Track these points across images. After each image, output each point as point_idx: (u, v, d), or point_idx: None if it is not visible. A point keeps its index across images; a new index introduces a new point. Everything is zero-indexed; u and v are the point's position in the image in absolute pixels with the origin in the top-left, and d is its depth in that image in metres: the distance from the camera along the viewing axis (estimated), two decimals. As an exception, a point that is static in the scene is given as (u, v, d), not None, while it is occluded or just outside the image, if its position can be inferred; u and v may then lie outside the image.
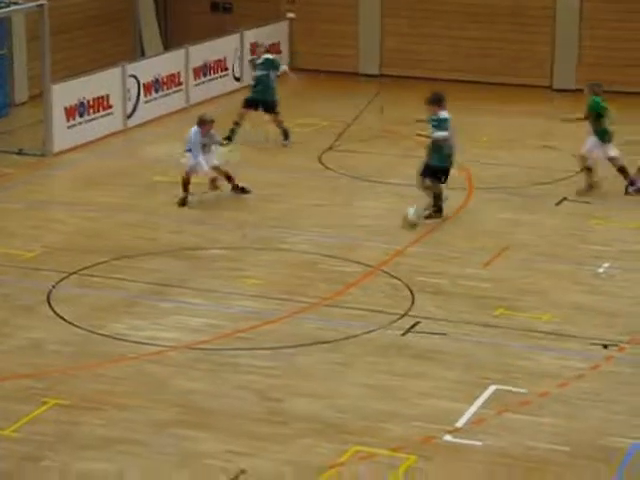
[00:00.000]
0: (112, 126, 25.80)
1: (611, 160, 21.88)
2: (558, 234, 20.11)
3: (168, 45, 31.45)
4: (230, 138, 24.60)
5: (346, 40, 31.76)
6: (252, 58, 26.48)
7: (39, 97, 25.34)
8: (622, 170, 21.96)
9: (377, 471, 12.64)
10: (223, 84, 29.64)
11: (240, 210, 21.16)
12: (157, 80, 27.28)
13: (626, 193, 21.90)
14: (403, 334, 16.07)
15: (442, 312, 16.81)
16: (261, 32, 30.96)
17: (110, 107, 25.80)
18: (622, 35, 29.75)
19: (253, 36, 30.66)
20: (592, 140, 21.89)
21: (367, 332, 16.11)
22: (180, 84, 28.02)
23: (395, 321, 16.46)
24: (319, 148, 24.89)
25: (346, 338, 15.93)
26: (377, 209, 21.34)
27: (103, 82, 25.74)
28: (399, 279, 17.97)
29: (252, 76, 25.88)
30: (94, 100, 25.34)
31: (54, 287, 17.57)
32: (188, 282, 17.85)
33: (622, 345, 15.73)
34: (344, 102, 28.79)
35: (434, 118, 20.41)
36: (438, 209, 20.50)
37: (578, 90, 28.16)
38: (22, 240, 19.52)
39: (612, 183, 22.67)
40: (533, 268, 18.60)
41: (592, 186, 21.87)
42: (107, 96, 25.72)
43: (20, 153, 23.84)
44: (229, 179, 21.45)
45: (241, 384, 14.56)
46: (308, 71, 31.54)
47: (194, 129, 21.15)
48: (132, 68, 26.73)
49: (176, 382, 14.65)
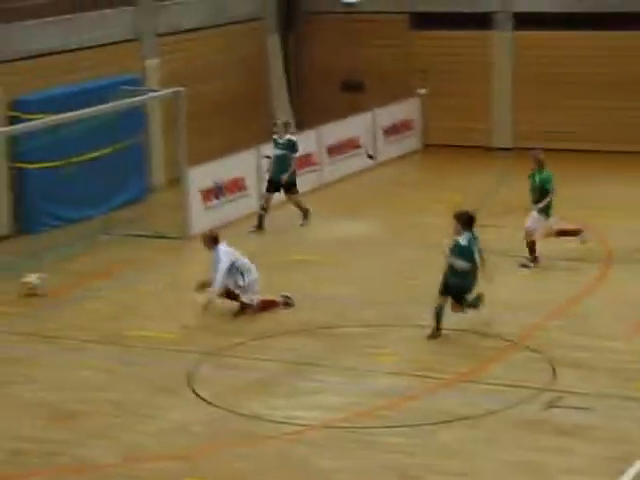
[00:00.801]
0: (248, 207, 26.03)
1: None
2: None
3: (300, 125, 31.66)
4: (260, 226, 24.82)
5: (478, 114, 31.72)
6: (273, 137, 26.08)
7: (176, 181, 25.65)
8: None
9: None
10: (356, 163, 29.70)
11: (377, 287, 21.17)
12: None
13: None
14: (545, 409, 15.89)
15: (585, 386, 16.59)
16: (393, 110, 31.11)
17: (246, 188, 26.04)
18: None
19: (385, 114, 30.82)
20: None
21: (508, 407, 15.95)
22: (314, 164, 28.18)
23: (537, 396, 16.29)
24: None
25: (487, 414, 15.79)
26: (514, 284, 21.19)
27: (238, 164, 26.01)
28: (539, 352, 17.80)
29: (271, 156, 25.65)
30: (230, 182, 25.60)
31: (194, 368, 17.70)
32: (325, 361, 17.86)
33: None
34: (478, 177, 28.70)
35: (455, 243, 18.48)
36: (436, 328, 18.54)
37: None
38: (161, 322, 19.71)
39: None
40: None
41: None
42: (242, 178, 25.98)
43: (158, 237, 24.11)
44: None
45: (381, 462, 14.48)
46: (440, 147, 31.61)
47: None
48: (267, 150, 26.95)
49: (316, 461, 14.62)
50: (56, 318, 20.01)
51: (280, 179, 25.08)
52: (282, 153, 25.17)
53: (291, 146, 25.27)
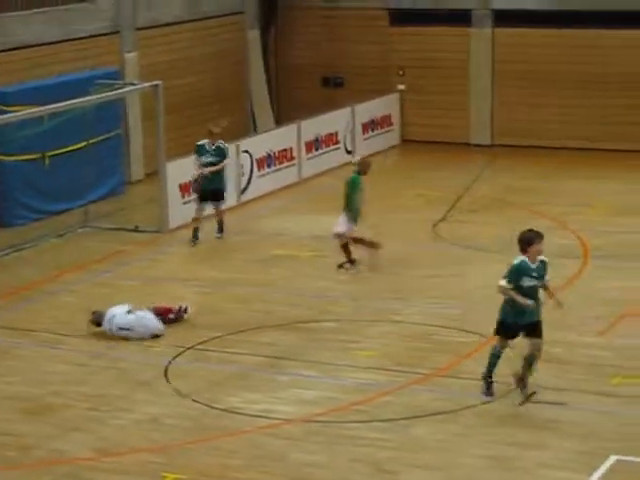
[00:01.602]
0: (226, 202, 25.97)
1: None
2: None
3: (280, 120, 31.69)
4: (196, 237, 23.87)
5: (457, 111, 31.77)
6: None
7: (154, 175, 25.65)
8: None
9: None
10: (335, 158, 29.73)
11: (354, 282, 21.17)
12: (270, 155, 27.49)
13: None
14: (520, 404, 15.93)
15: (559, 381, 16.65)
16: (372, 105, 31.15)
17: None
18: None
19: (364, 110, 30.84)
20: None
21: (484, 403, 15.99)
22: (292, 158, 28.22)
23: (512, 391, 16.33)
24: (432, 219, 24.88)
25: (462, 409, 15.83)
26: (489, 279, 21.20)
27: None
28: (514, 348, 17.82)
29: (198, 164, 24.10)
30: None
31: (170, 362, 17.70)
32: (303, 355, 17.88)
33: None
34: (455, 173, 28.75)
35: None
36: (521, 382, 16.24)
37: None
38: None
39: None
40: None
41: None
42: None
43: (136, 230, 24.11)
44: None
45: (357, 457, 14.51)
46: (419, 142, 31.65)
47: None
48: (245, 144, 26.97)
49: (292, 455, 14.64)
50: (32, 311, 20.00)
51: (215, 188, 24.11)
52: (213, 160, 24.08)
53: (221, 153, 24.28)
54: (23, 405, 16.30)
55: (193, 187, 24.17)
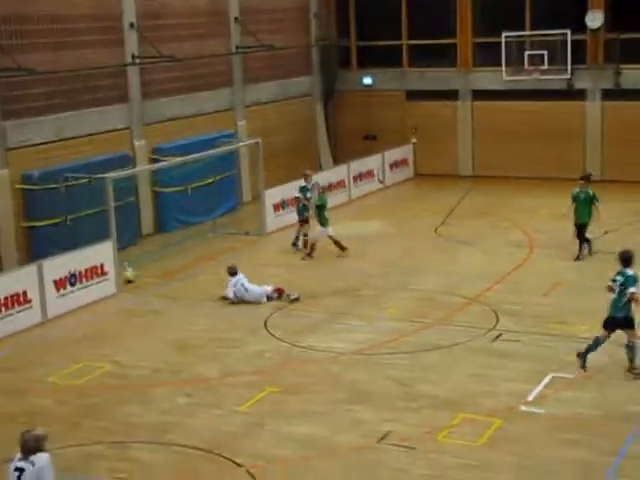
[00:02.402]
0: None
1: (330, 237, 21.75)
2: (592, 274, 19.67)
3: (336, 162, 31.67)
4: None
5: (450, 154, 31.63)
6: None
7: (257, 198, 25.73)
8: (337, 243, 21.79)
9: (477, 430, 12.49)
10: (371, 186, 29.68)
11: (385, 264, 21.16)
12: (330, 184, 27.49)
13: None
14: (492, 342, 15.90)
15: (517, 327, 16.59)
16: (395, 152, 31.06)
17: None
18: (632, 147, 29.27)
19: (390, 155, 30.76)
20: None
21: (468, 341, 15.97)
22: (344, 186, 28.21)
23: (486, 333, 16.29)
24: (435, 223, 24.83)
25: (454, 345, 15.82)
26: (472, 262, 21.18)
27: (296, 187, 26.02)
28: (488, 306, 17.79)
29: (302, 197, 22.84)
30: (291, 199, 25.65)
31: (269, 317, 17.78)
32: (352, 312, 17.91)
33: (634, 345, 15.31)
34: (449, 194, 28.66)
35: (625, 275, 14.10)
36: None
37: (603, 181, 27.75)
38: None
39: (631, 240, 22.16)
40: (575, 296, 18.23)
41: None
42: (299, 197, 25.95)
43: (246, 234, 24.21)
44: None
45: (387, 375, 14.55)
46: (426, 175, 31.53)
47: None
48: (315, 178, 26.93)
49: (346, 375, 14.70)
50: (181, 286, 20.17)
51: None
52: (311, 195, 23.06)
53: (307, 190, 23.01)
54: (175, 344, 16.48)
55: (302, 213, 22.79)
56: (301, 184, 23.25)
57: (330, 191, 27.38)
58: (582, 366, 14.27)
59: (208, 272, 20.94)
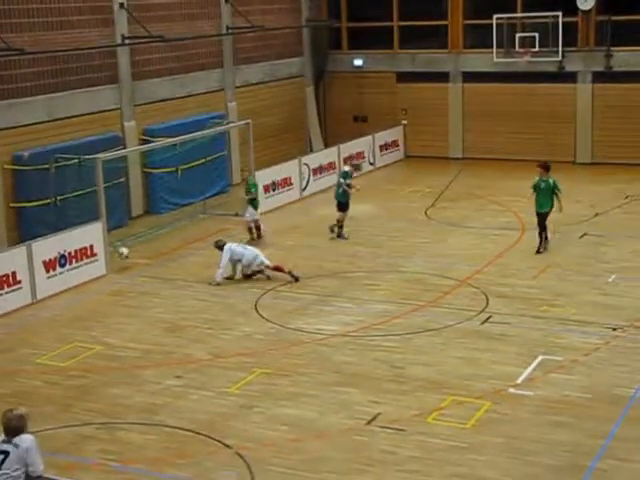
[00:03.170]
0: (293, 196, 26.02)
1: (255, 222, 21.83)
2: (581, 256, 19.73)
3: (327, 144, 31.59)
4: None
5: (440, 136, 31.58)
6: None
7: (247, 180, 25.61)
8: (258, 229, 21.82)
9: (466, 412, 12.51)
10: (362, 167, 29.57)
11: (375, 246, 21.14)
12: (321, 166, 27.45)
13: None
14: (481, 324, 15.91)
15: (506, 309, 16.60)
16: (385, 133, 30.99)
17: (292, 184, 26.04)
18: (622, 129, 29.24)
19: (380, 137, 30.69)
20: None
21: (458, 323, 15.97)
22: (335, 168, 28.13)
23: (475, 316, 16.30)
24: (425, 205, 24.82)
25: (444, 327, 15.82)
26: (462, 244, 21.18)
27: (287, 169, 25.99)
28: (478, 288, 17.79)
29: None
30: (282, 180, 25.61)
31: (259, 299, 17.76)
32: (342, 293, 17.90)
33: (625, 328, 15.36)
34: (439, 176, 28.63)
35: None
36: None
37: (594, 163, 27.70)
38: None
39: (620, 223, 22.21)
40: (565, 279, 18.26)
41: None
42: (289, 178, 25.97)
43: (236, 215, 24.12)
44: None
45: (377, 358, 14.55)
46: (416, 157, 31.48)
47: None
48: (305, 159, 26.95)
49: (335, 357, 14.69)
50: (171, 267, 20.13)
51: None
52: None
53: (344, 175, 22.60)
54: (165, 325, 16.46)
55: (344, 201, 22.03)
56: (343, 169, 22.87)
57: (320, 173, 27.40)
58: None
59: (198, 254, 20.88)
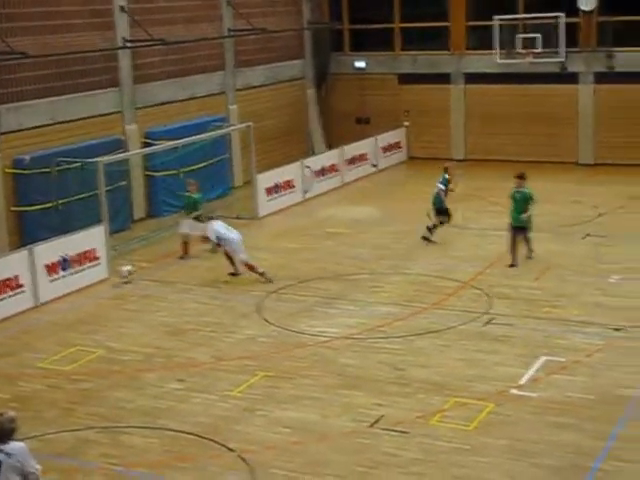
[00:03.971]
0: (295, 198, 26.02)
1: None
2: (583, 257, 19.71)
3: (329, 146, 31.59)
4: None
5: (442, 138, 31.58)
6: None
7: (249, 182, 25.67)
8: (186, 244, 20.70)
9: (469, 413, 12.51)
10: (365, 169, 29.62)
11: (378, 248, 21.14)
12: (323, 168, 27.46)
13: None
14: (484, 326, 15.90)
15: (509, 310, 16.60)
16: (388, 135, 31.00)
17: (294, 187, 26.04)
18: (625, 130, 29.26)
19: (383, 138, 30.69)
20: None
21: (461, 324, 15.97)
22: (337, 170, 28.15)
23: (478, 317, 16.30)
24: (427, 208, 24.72)
25: (447, 329, 15.82)
26: (465, 246, 21.17)
27: (290, 171, 26.00)
28: (480, 289, 17.79)
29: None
30: (284, 183, 25.62)
31: (261, 301, 17.75)
32: (345, 296, 17.89)
33: (627, 329, 15.36)
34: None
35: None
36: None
37: (596, 164, 27.72)
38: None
39: (623, 224, 22.20)
40: (567, 280, 18.25)
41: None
42: (292, 180, 25.98)
43: (238, 218, 24.11)
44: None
45: (380, 360, 14.55)
46: (419, 158, 31.49)
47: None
48: (307, 161, 26.97)
49: (338, 360, 14.69)
50: (173, 270, 20.13)
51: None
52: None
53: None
54: (167, 329, 16.46)
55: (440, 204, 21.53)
56: (445, 176, 21.92)
57: (323, 175, 27.42)
58: None
59: (200, 256, 20.87)
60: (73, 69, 22.83)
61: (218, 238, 18.95)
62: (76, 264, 18.81)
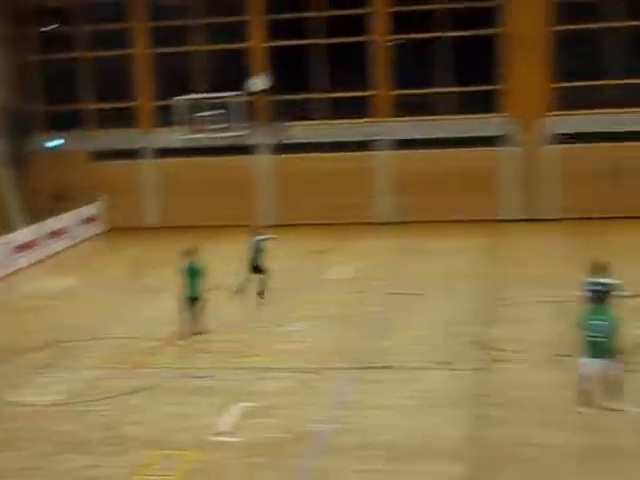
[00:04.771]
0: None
1: None
2: (260, 312, 20.41)
3: (29, 222, 30.68)
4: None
5: (137, 207, 32.14)
6: None
7: None
8: None
9: (175, 464, 12.54)
10: (64, 242, 29.14)
11: (82, 316, 20.62)
12: (24, 244, 26.53)
13: None
14: (186, 379, 15.88)
15: (208, 363, 16.77)
16: (86, 209, 30.46)
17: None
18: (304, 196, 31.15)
19: (82, 212, 30.22)
20: None
21: (166, 381, 15.87)
22: (38, 245, 27.23)
23: (181, 372, 16.24)
24: (127, 275, 24.62)
25: (153, 386, 15.61)
26: (164, 307, 20.67)
27: None
28: (183, 347, 17.79)
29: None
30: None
31: None
32: (55, 363, 17.21)
33: (317, 371, 16.13)
34: (138, 245, 28.54)
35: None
36: None
37: (279, 225, 29.23)
38: None
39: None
40: (256, 331, 18.76)
41: None
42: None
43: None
44: None
45: (92, 422, 14.09)
46: (118, 229, 31.30)
47: None
48: (3, 239, 25.94)
49: (52, 427, 14.04)
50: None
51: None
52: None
53: None
54: None
55: None
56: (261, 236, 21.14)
57: (23, 251, 26.76)
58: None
59: None
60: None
61: None
62: None
